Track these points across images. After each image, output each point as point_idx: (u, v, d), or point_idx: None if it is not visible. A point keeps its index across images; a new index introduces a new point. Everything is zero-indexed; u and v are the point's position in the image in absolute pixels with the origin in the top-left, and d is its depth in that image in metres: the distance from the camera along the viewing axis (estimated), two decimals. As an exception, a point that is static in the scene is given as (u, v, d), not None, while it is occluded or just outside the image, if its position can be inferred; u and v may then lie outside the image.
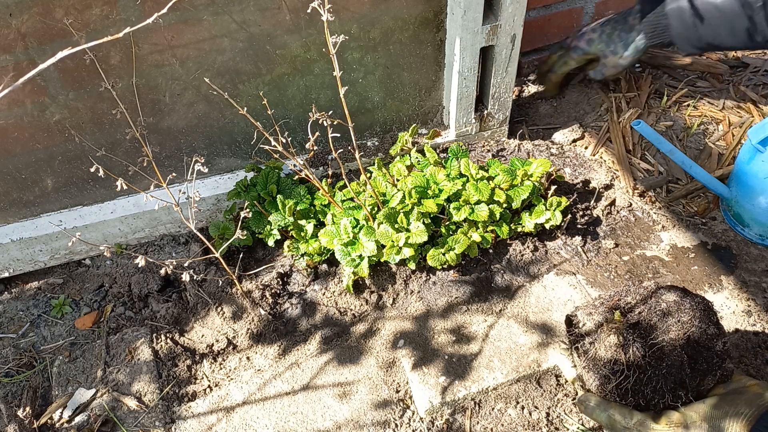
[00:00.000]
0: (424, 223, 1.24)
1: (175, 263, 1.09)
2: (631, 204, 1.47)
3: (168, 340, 1.29)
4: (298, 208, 1.32)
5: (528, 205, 1.36)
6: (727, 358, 0.95)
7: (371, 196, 1.29)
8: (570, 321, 1.03)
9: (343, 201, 1.34)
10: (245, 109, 1.12)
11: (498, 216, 1.30)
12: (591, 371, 0.97)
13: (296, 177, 1.39)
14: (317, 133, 1.09)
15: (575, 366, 1.01)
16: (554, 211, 1.32)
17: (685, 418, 0.92)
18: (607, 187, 1.49)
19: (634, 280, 1.33)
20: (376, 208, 1.29)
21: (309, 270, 1.36)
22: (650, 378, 0.93)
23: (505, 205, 1.31)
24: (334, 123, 1.06)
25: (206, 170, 1.11)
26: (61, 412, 1.19)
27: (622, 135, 1.57)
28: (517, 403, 1.17)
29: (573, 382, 1.02)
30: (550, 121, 1.68)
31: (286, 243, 1.35)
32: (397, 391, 1.19)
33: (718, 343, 0.95)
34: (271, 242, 1.34)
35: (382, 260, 1.27)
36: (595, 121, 1.64)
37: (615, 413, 0.96)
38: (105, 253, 1.05)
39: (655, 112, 1.64)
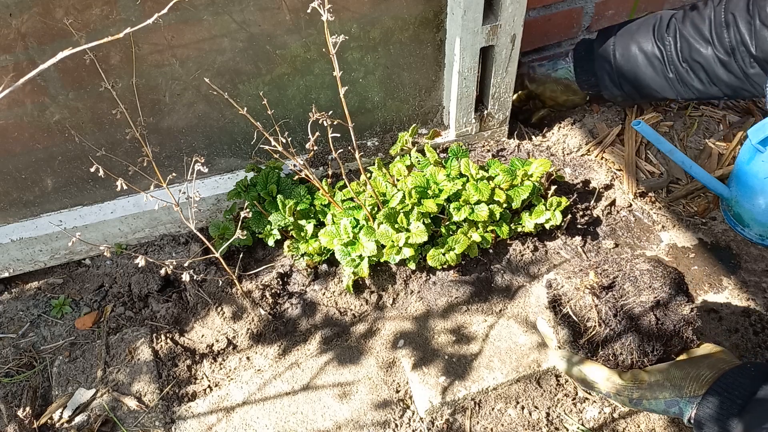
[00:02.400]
0: (424, 223, 1.24)
1: (175, 263, 1.09)
2: (631, 204, 1.47)
3: (168, 340, 1.29)
4: (298, 208, 1.32)
5: (528, 205, 1.36)
6: (694, 323, 1.00)
7: (371, 196, 1.28)
8: (550, 284, 1.09)
9: (343, 201, 1.34)
10: (245, 109, 1.12)
11: (498, 216, 1.30)
12: (566, 327, 1.03)
13: (296, 177, 1.39)
14: (317, 133, 1.08)
15: (553, 326, 1.07)
16: (554, 211, 1.32)
17: (649, 376, 0.97)
18: (607, 187, 1.49)
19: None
20: (376, 208, 1.29)
21: (309, 270, 1.36)
22: (620, 335, 0.99)
23: (505, 205, 1.31)
24: (334, 123, 1.06)
25: (206, 170, 1.11)
26: (61, 412, 1.19)
27: (635, 137, 1.57)
28: (517, 403, 1.17)
29: (556, 350, 1.06)
30: (551, 121, 1.68)
31: (286, 243, 1.35)
32: (397, 391, 1.19)
33: (685, 308, 1.00)
34: (271, 242, 1.34)
35: (382, 260, 1.27)
36: (597, 122, 1.64)
37: (586, 369, 1.02)
38: (105, 253, 1.04)
39: (659, 112, 1.64)
